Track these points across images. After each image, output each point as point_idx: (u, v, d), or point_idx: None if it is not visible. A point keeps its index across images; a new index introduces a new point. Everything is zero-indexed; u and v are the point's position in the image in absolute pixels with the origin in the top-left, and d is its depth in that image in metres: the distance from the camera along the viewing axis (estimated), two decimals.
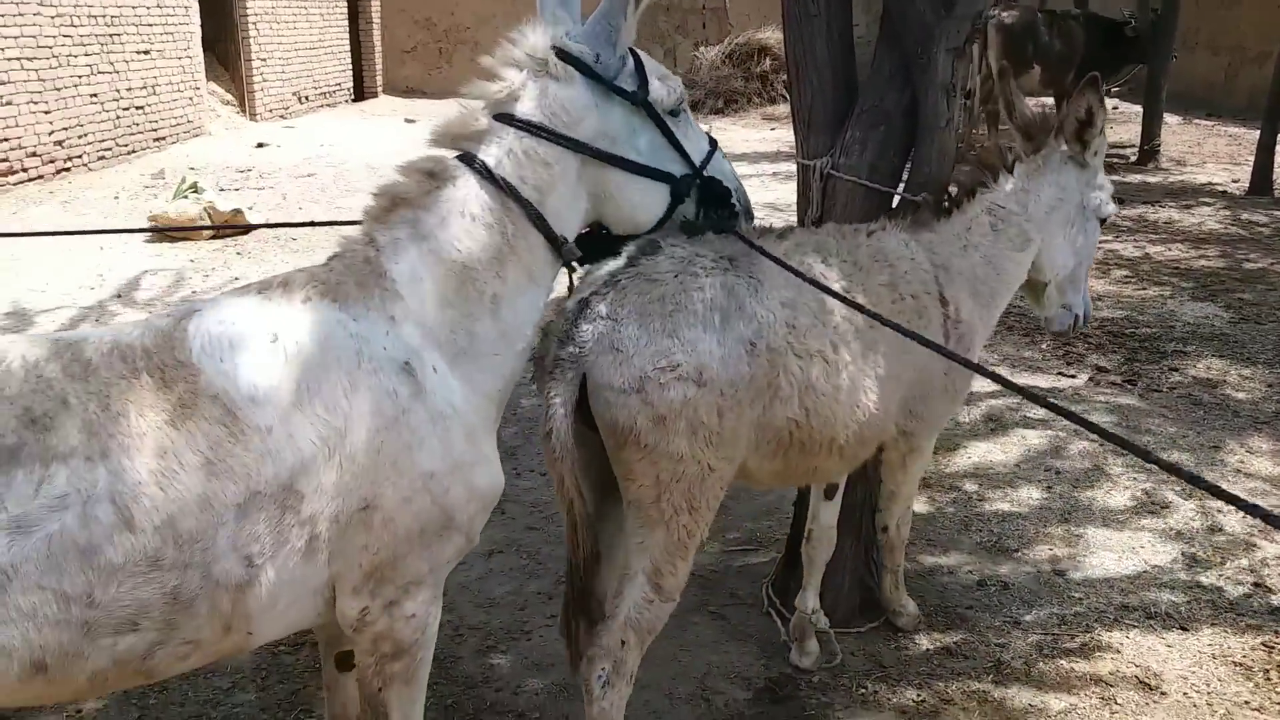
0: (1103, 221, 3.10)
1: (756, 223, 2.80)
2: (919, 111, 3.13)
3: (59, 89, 11.18)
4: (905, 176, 3.31)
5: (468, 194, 2.12)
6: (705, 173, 2.40)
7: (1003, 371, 5.95)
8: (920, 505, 4.47)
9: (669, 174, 2.33)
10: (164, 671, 1.87)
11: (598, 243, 2.44)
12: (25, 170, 10.69)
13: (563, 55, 2.19)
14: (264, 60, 16.24)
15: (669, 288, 2.39)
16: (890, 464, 3.17)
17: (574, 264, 2.28)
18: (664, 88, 2.32)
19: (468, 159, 2.15)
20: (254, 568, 1.84)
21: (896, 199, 3.26)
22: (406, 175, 2.15)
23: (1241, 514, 4.31)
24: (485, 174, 2.12)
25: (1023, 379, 5.87)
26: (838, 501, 3.31)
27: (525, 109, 2.17)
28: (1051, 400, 2.16)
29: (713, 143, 2.47)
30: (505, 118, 2.16)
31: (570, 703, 3.18)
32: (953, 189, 3.03)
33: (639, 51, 2.32)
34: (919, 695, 3.24)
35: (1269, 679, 3.30)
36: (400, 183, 2.14)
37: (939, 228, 2.98)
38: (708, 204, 2.43)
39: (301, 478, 1.86)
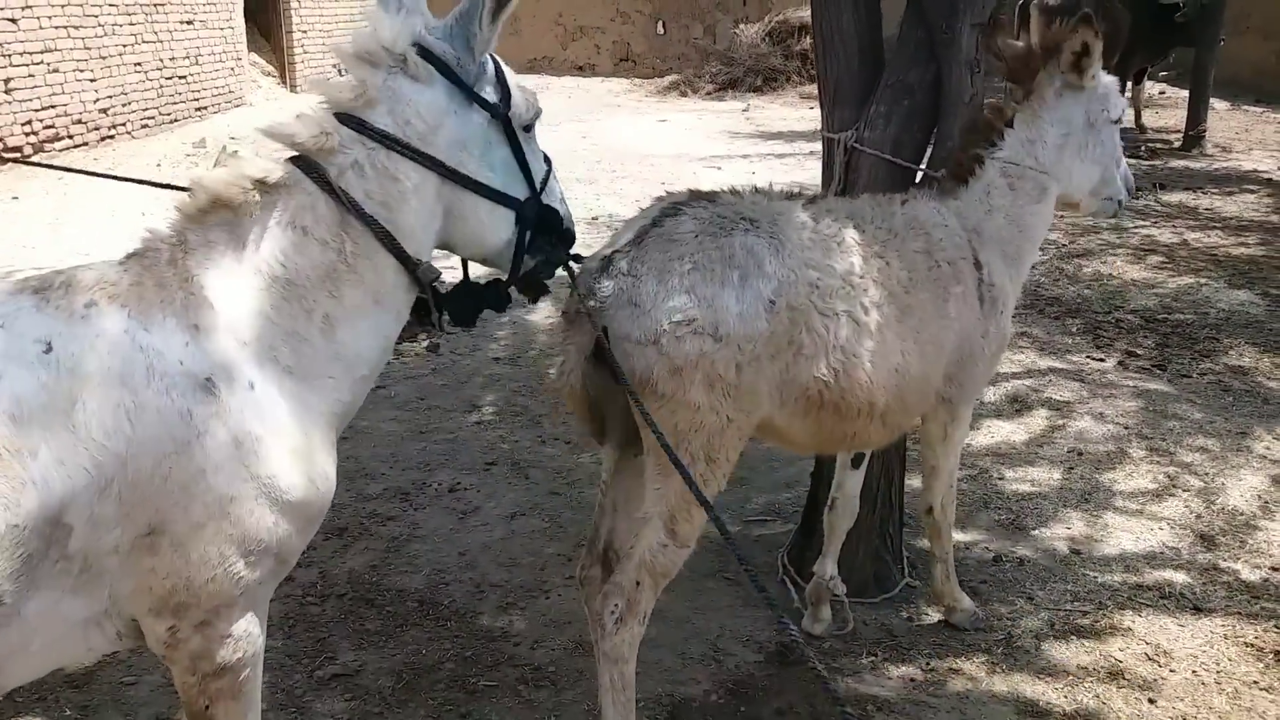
0: (1116, 121, 3.12)
1: (782, 187, 2.86)
2: (943, 87, 3.15)
3: (104, 57, 11.37)
4: (929, 151, 3.33)
5: (300, 205, 1.92)
6: (542, 197, 2.22)
7: (1032, 354, 5.94)
8: (922, 483, 4.50)
9: (515, 199, 2.15)
10: None
11: (473, 296, 2.26)
12: (71, 137, 10.91)
13: (424, 53, 2.00)
14: (304, 32, 16.38)
15: (689, 246, 2.48)
16: (931, 437, 3.18)
17: (435, 286, 2.08)
18: (524, 101, 2.16)
19: (306, 167, 1.93)
20: (3, 607, 1.63)
21: (920, 175, 3.29)
22: (231, 175, 1.92)
23: (1261, 500, 4.31)
24: (324, 186, 1.92)
25: (1052, 362, 5.86)
26: (862, 471, 3.35)
27: (377, 116, 1.96)
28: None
29: (548, 161, 2.29)
30: (355, 123, 1.95)
31: (586, 659, 3.26)
32: (963, 158, 3.05)
33: (498, 58, 2.15)
34: (927, 666, 3.28)
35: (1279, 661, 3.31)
36: (223, 181, 1.91)
37: (963, 194, 3.02)
38: (542, 232, 2.24)
39: (71, 510, 1.66)
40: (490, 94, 2.08)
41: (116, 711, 3.03)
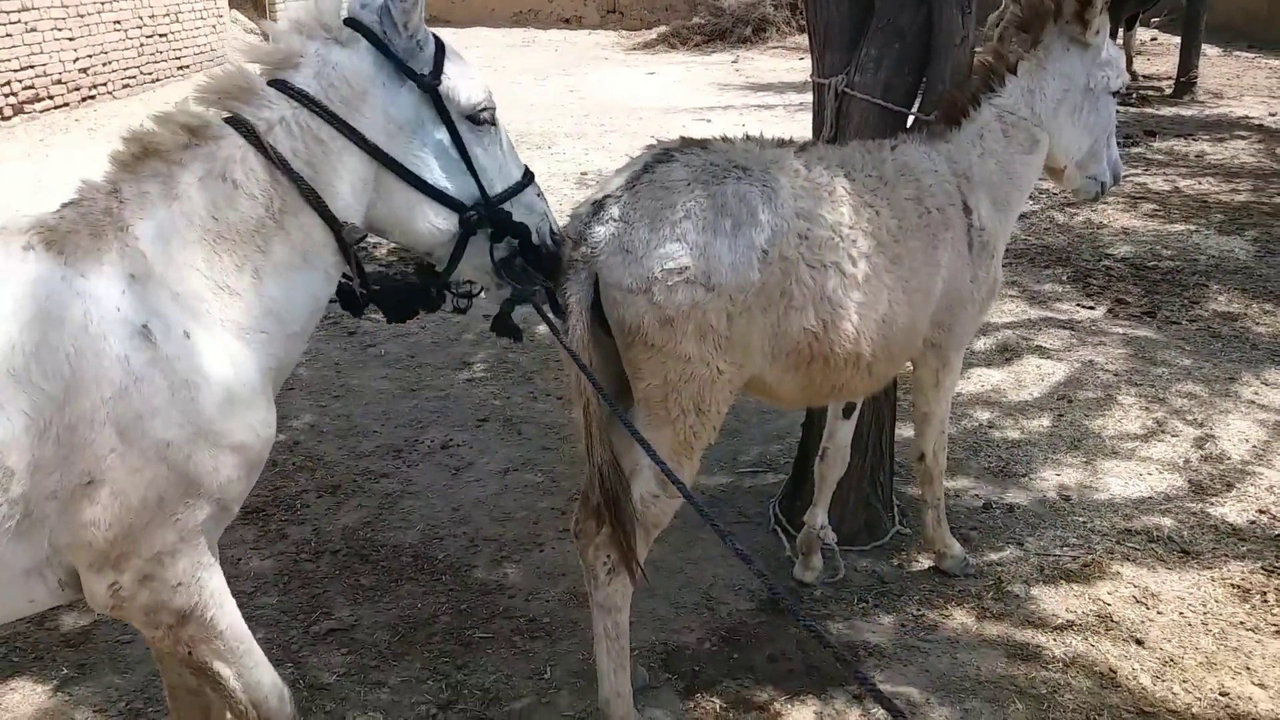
0: (1115, 94, 3.08)
1: (775, 135, 2.81)
2: (933, 29, 3.10)
3: (82, 15, 11.17)
4: (920, 94, 3.29)
5: (230, 156, 1.91)
6: (506, 206, 2.16)
7: (1022, 303, 5.94)
8: (914, 431, 4.52)
9: (454, 199, 2.08)
10: None
11: (401, 290, 2.22)
12: (51, 98, 10.74)
13: (352, 24, 2.02)
14: None
15: (682, 195, 2.44)
16: (923, 383, 3.19)
17: (358, 246, 2.04)
18: (465, 83, 2.09)
19: (235, 122, 1.93)
20: None
21: (911, 119, 3.26)
22: (163, 126, 1.92)
23: (1249, 444, 4.34)
24: (252, 140, 1.92)
25: (1040, 311, 5.86)
26: (854, 421, 3.36)
27: (302, 78, 1.96)
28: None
29: (528, 175, 2.22)
30: (280, 84, 1.96)
31: (579, 609, 3.29)
32: (959, 97, 3.02)
33: (445, 42, 2.12)
34: (918, 611, 3.32)
35: (1265, 601, 3.35)
36: (156, 132, 1.92)
37: (954, 137, 3.00)
38: (500, 239, 2.18)
39: (11, 453, 1.68)
40: (419, 67, 2.04)
41: (113, 670, 3.05)
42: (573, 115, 11.67)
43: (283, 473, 4.13)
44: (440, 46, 2.10)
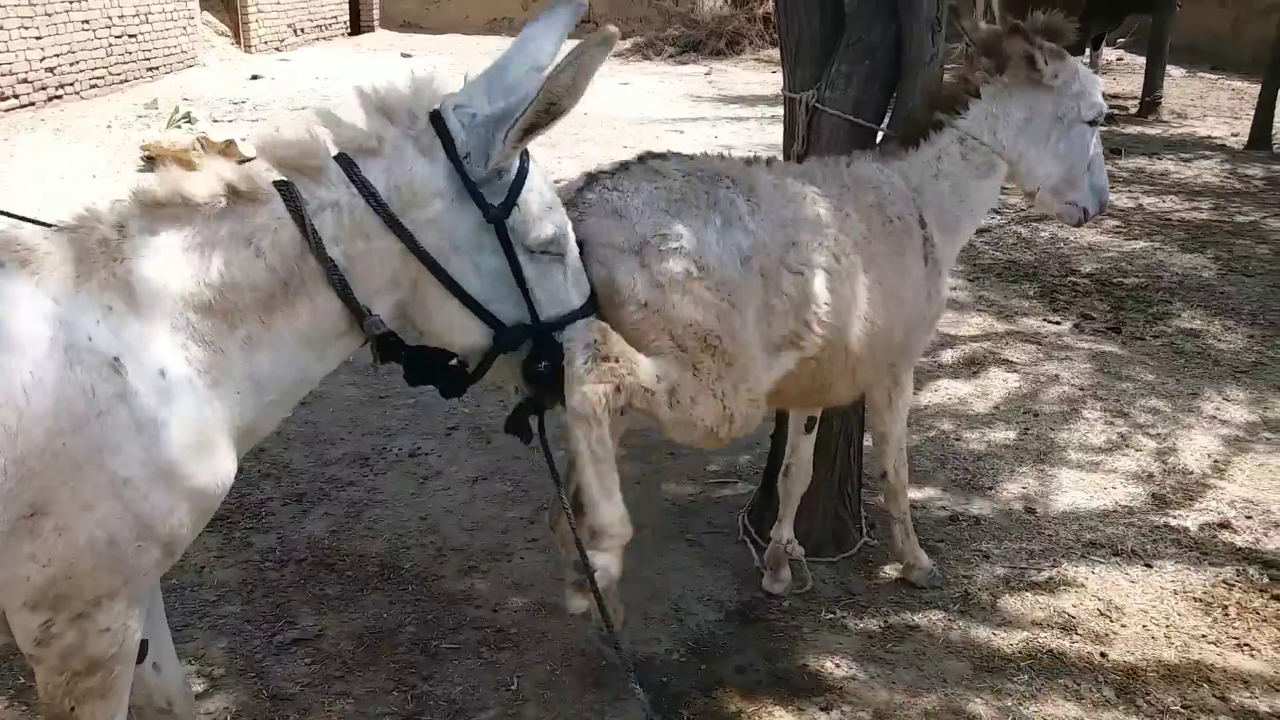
0: (1092, 123, 3.05)
1: (745, 153, 2.83)
2: (904, 47, 3.14)
3: (50, 14, 11.03)
4: (890, 111, 3.32)
5: (265, 225, 1.85)
6: (558, 335, 2.11)
7: (989, 317, 6.00)
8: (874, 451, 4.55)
9: (493, 316, 2.01)
10: None
11: (431, 367, 2.12)
12: (16, 97, 10.59)
13: (437, 124, 1.92)
14: None
15: (676, 183, 2.46)
16: (877, 404, 3.21)
17: (378, 337, 1.95)
18: (537, 221, 2.01)
19: (285, 190, 1.86)
20: None
21: (880, 135, 3.29)
22: (205, 175, 1.86)
23: (1211, 458, 4.40)
24: (295, 214, 1.85)
25: (1007, 325, 5.92)
26: (814, 436, 3.38)
27: (373, 167, 1.89)
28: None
29: (588, 307, 2.16)
30: (348, 164, 1.89)
31: (547, 620, 3.28)
32: (922, 118, 3.04)
33: (533, 169, 2.04)
34: (885, 622, 3.33)
35: (1227, 614, 3.39)
36: (194, 179, 1.84)
37: (909, 156, 3.02)
38: (538, 356, 2.13)
39: None
40: (490, 195, 1.95)
41: None
42: None
43: (248, 480, 4.08)
44: (523, 173, 2.00)
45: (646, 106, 12.97)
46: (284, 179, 1.87)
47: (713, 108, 13.00)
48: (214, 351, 1.83)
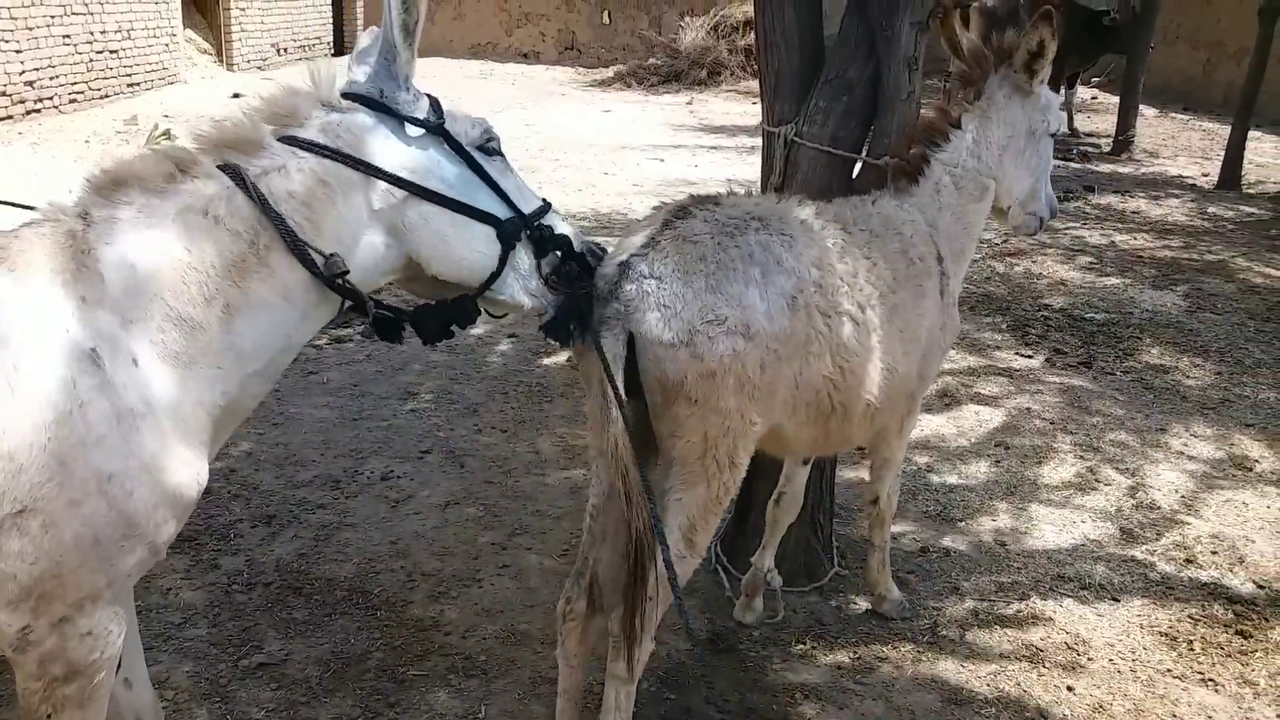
0: (1053, 135, 3.18)
1: (726, 183, 2.85)
2: (881, 83, 3.18)
3: (30, 28, 11.01)
4: (866, 147, 3.36)
5: (216, 194, 1.89)
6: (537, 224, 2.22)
7: (963, 350, 6.05)
8: (867, 474, 4.55)
9: (489, 214, 2.12)
10: None
11: (437, 315, 2.20)
12: None
13: (349, 96, 2.06)
14: (243, 9, 16.02)
15: (708, 247, 2.44)
16: (888, 431, 3.20)
17: (344, 283, 1.99)
18: (467, 122, 2.17)
19: (228, 167, 1.92)
20: None
21: (858, 167, 3.33)
22: (148, 158, 1.90)
23: (1178, 493, 4.45)
24: (239, 181, 1.90)
25: (979, 359, 5.98)
26: (809, 467, 3.38)
27: (308, 133, 1.98)
28: None
29: (546, 203, 2.27)
30: (286, 139, 1.97)
31: (517, 648, 3.26)
32: (912, 158, 3.10)
33: (435, 96, 2.18)
34: (855, 654, 3.34)
35: (1192, 649, 3.42)
36: (138, 161, 1.89)
37: (917, 192, 3.07)
38: (546, 253, 2.23)
39: None
40: (422, 115, 2.09)
41: None
42: (527, 149, 11.70)
43: (217, 501, 4.04)
44: (433, 98, 2.14)
45: (627, 134, 13.06)
46: (225, 160, 1.93)
47: (693, 136, 13.09)
48: (191, 329, 1.84)
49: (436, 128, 2.09)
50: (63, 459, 1.68)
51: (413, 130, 2.07)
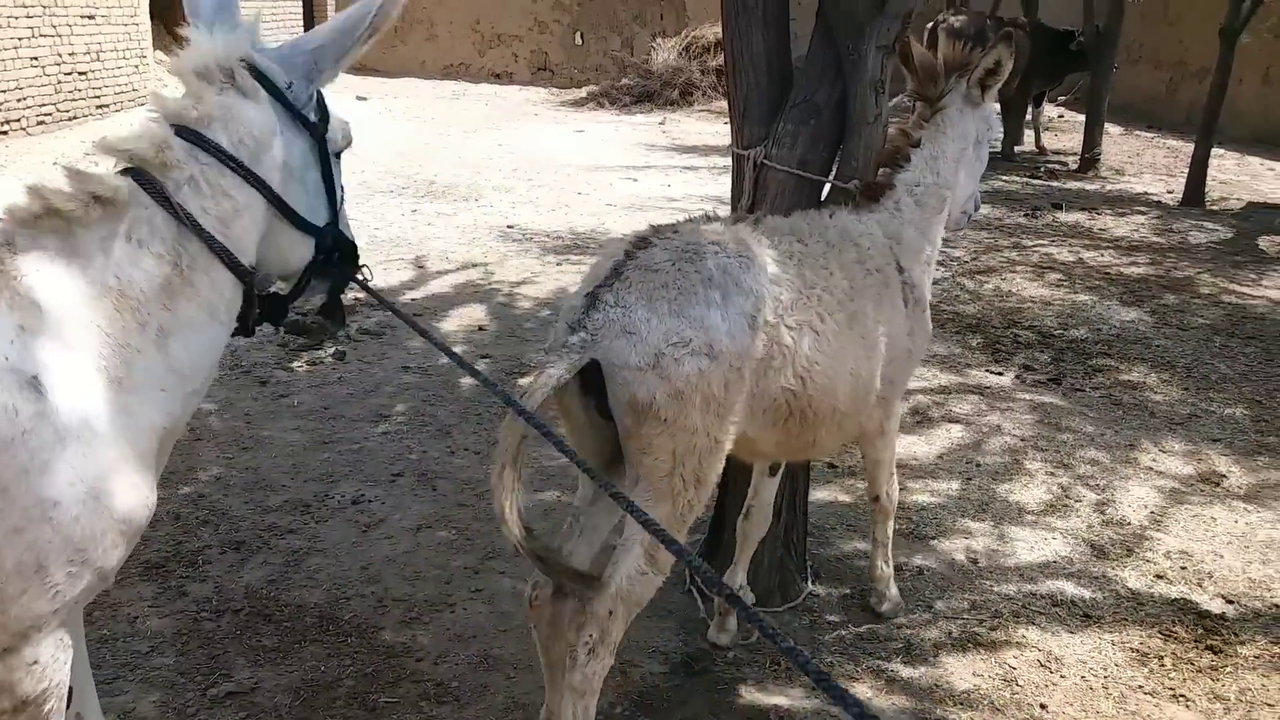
0: (991, 142, 3.40)
1: (723, 211, 2.92)
2: (848, 107, 3.22)
3: None
4: (834, 169, 3.40)
5: (136, 218, 1.88)
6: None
7: (934, 368, 6.10)
8: (841, 493, 4.59)
9: (316, 225, 2.17)
10: None
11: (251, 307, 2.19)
12: None
13: (254, 72, 2.02)
14: None
15: (669, 274, 2.53)
16: (870, 434, 3.30)
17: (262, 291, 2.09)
18: (340, 127, 2.21)
19: (144, 181, 1.90)
20: None
21: (826, 189, 3.37)
22: (68, 188, 1.86)
23: (1148, 509, 4.49)
24: (161, 201, 1.89)
25: (950, 376, 6.02)
26: (778, 479, 3.42)
27: (214, 132, 1.96)
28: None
29: (343, 189, 2.31)
30: (193, 137, 1.95)
31: (490, 674, 3.23)
32: (876, 181, 3.22)
33: (321, 91, 2.21)
34: (829, 674, 3.33)
35: (1163, 665, 3.45)
36: (60, 193, 1.85)
37: (878, 208, 3.19)
38: (336, 261, 2.26)
39: None
40: (313, 117, 2.12)
41: None
42: (500, 169, 11.71)
43: (185, 527, 3.99)
44: (319, 91, 2.16)
45: (601, 153, 13.09)
46: (135, 169, 1.92)
47: (665, 156, 13.15)
48: (130, 355, 1.84)
49: (321, 137, 2.13)
50: (4, 486, 1.67)
51: (299, 132, 2.10)
